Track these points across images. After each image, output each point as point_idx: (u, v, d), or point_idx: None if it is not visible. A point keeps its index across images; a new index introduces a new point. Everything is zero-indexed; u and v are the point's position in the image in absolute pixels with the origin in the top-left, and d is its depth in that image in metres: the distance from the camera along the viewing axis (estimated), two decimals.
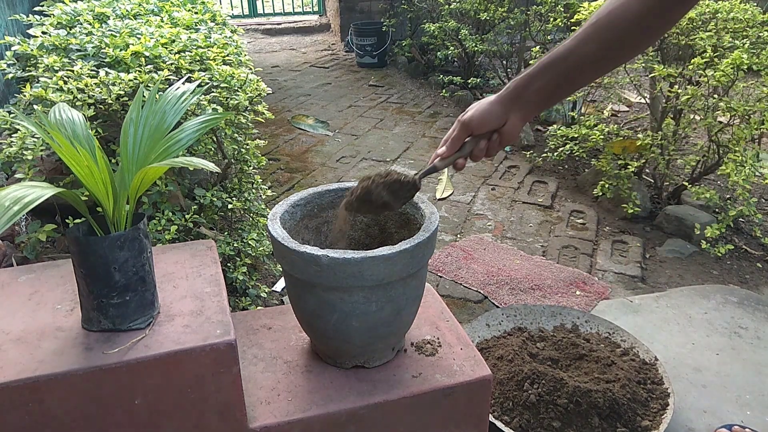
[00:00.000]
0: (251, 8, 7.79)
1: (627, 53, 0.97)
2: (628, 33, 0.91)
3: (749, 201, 2.30)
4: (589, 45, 0.93)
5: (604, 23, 0.92)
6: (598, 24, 0.92)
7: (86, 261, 0.90)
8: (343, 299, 1.01)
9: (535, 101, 1.01)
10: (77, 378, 0.88)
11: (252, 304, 1.87)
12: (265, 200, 2.40)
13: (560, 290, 2.24)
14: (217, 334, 0.94)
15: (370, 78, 5.43)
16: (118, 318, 0.94)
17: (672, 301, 2.12)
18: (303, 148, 3.79)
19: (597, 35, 0.93)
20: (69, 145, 0.82)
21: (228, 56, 1.88)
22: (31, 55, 1.72)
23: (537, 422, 1.47)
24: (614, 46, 0.93)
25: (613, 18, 0.91)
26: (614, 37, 0.92)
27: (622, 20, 0.90)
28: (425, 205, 1.12)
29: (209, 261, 1.15)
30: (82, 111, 1.34)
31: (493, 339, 1.79)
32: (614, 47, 0.93)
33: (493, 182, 3.24)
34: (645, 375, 1.63)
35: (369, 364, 1.13)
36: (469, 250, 2.53)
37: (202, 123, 1.00)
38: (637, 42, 0.94)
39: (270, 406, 1.05)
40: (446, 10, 4.62)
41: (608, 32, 0.92)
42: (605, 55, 0.94)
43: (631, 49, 0.97)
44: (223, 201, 1.79)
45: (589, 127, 2.89)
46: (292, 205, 1.15)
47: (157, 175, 0.94)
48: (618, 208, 2.82)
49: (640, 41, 0.95)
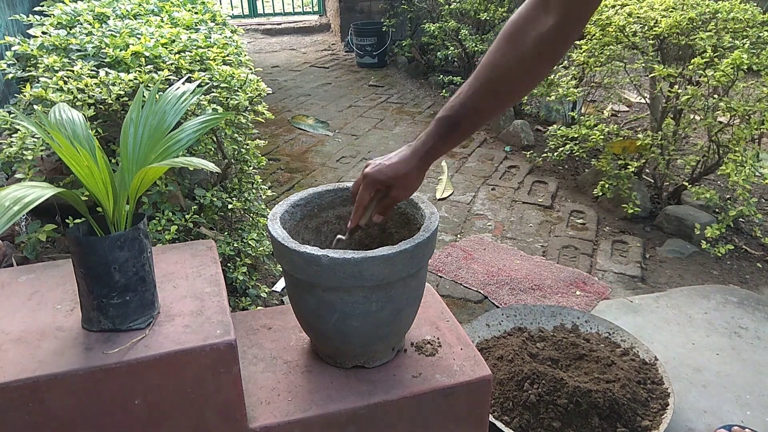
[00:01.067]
0: (251, 8, 7.78)
1: (522, 90, 1.04)
2: (518, 80, 0.98)
3: (749, 201, 2.30)
4: (487, 100, 0.99)
5: (494, 77, 0.97)
6: (487, 78, 0.98)
7: (86, 261, 0.90)
8: (343, 299, 1.01)
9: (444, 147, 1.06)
10: (77, 378, 0.88)
11: (252, 304, 1.87)
12: (265, 200, 2.40)
13: (560, 290, 2.24)
14: (217, 334, 0.94)
15: (370, 78, 5.43)
16: (118, 318, 0.94)
17: (672, 301, 2.12)
18: (303, 148, 3.79)
19: (490, 90, 0.99)
20: (69, 145, 0.82)
21: (228, 56, 1.88)
22: (31, 55, 1.72)
23: (537, 422, 1.47)
24: (507, 93, 1.00)
25: (500, 73, 0.97)
26: (506, 89, 0.98)
27: (508, 72, 0.96)
28: (425, 205, 1.12)
29: (209, 261, 1.15)
30: (82, 111, 1.34)
31: (493, 339, 1.79)
32: (508, 94, 1.00)
33: (493, 182, 3.24)
34: (645, 375, 1.63)
35: (369, 364, 1.12)
36: (469, 250, 2.53)
37: (202, 123, 1.00)
38: (528, 82, 1.01)
39: (270, 406, 1.05)
40: (446, 10, 4.62)
41: (500, 84, 0.98)
42: (501, 104, 1.02)
43: (525, 88, 1.05)
44: (223, 201, 1.79)
45: (589, 127, 2.89)
46: (292, 205, 1.15)
47: (157, 175, 0.94)
48: (618, 208, 2.82)
49: (532, 81, 1.02)
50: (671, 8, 2.72)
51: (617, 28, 2.77)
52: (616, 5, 2.90)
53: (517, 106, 3.96)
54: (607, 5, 2.91)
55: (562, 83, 3.23)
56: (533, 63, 0.94)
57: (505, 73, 0.95)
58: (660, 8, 2.74)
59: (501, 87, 0.97)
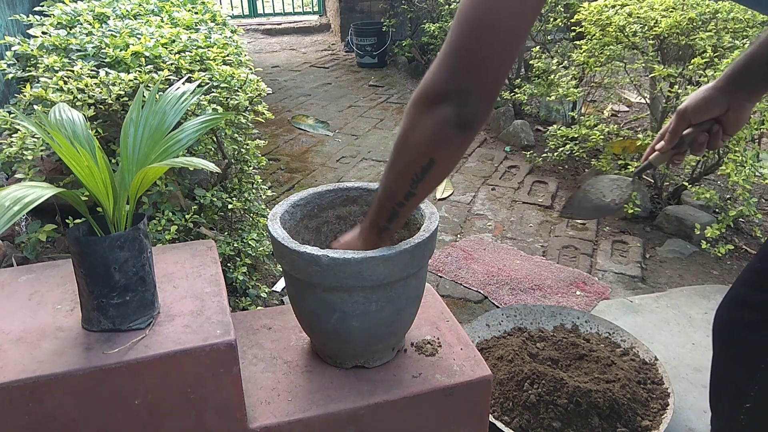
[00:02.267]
0: (251, 8, 7.78)
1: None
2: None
3: (749, 201, 2.30)
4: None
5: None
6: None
7: (86, 261, 0.90)
8: (343, 299, 1.01)
9: (756, 81, 0.97)
10: (77, 378, 0.88)
11: (252, 304, 1.87)
12: (265, 200, 2.40)
13: (560, 290, 2.24)
14: (217, 334, 0.94)
15: (370, 78, 5.43)
16: (118, 318, 0.94)
17: (672, 301, 2.12)
18: (303, 148, 3.79)
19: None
20: (69, 145, 0.82)
21: (228, 56, 1.88)
22: (31, 55, 1.72)
23: (537, 422, 1.47)
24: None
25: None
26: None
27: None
28: (425, 205, 1.12)
29: (209, 261, 1.15)
30: (82, 111, 1.34)
31: (493, 339, 1.79)
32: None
33: (493, 182, 3.24)
34: (645, 375, 1.63)
35: (369, 364, 1.12)
36: (469, 250, 2.53)
37: (202, 123, 1.00)
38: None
39: (270, 406, 1.05)
40: (446, 10, 4.62)
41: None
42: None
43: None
44: (223, 201, 1.79)
45: (589, 127, 2.89)
46: (292, 205, 1.15)
47: (157, 176, 0.94)
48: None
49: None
50: (671, 8, 2.72)
51: (617, 28, 2.77)
52: (616, 5, 2.90)
53: (517, 106, 3.96)
54: (607, 5, 2.92)
55: (562, 83, 3.23)
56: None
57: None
58: (660, 8, 2.74)
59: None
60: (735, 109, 0.99)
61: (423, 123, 0.79)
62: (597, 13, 2.91)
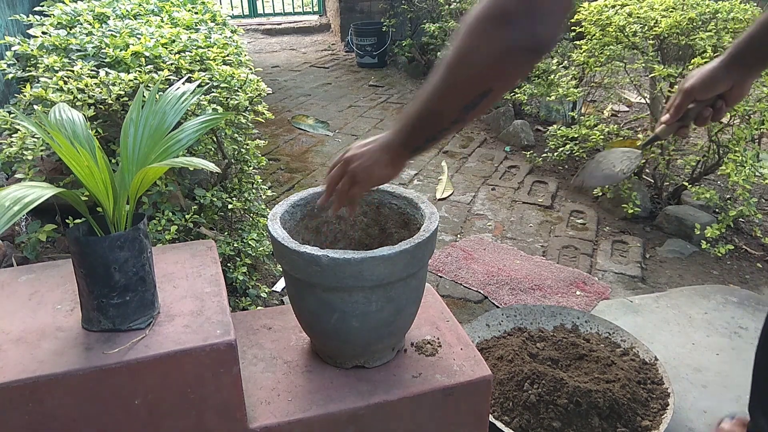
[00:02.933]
0: (251, 8, 7.78)
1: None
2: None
3: (749, 201, 2.30)
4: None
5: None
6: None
7: (86, 261, 0.90)
8: (343, 299, 1.01)
9: (758, 57, 1.02)
10: (77, 378, 0.88)
11: (252, 304, 1.87)
12: (265, 200, 2.40)
13: (560, 290, 2.24)
14: (217, 334, 0.94)
15: (370, 78, 5.43)
16: (118, 318, 0.94)
17: (672, 301, 2.12)
18: (303, 148, 3.79)
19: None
20: (69, 145, 0.82)
21: (228, 56, 1.88)
22: (31, 55, 1.72)
23: (537, 422, 1.47)
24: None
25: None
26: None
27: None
28: (425, 205, 1.13)
29: (209, 261, 1.15)
30: (82, 111, 1.34)
31: (493, 339, 1.79)
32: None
33: (493, 182, 3.24)
34: (645, 375, 1.63)
35: (369, 364, 1.13)
36: (469, 250, 2.53)
37: (202, 123, 1.00)
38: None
39: (270, 406, 1.05)
40: (446, 10, 4.62)
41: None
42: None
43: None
44: (223, 201, 1.79)
45: (589, 127, 2.89)
46: (292, 205, 1.15)
47: (157, 176, 0.94)
48: (618, 208, 2.82)
49: None
50: (671, 8, 2.72)
51: (617, 28, 2.77)
52: (616, 5, 2.90)
53: (517, 106, 3.96)
54: (607, 5, 2.92)
55: (562, 83, 3.23)
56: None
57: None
58: (660, 8, 2.74)
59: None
60: (739, 85, 1.05)
61: (489, 44, 0.72)
62: (597, 13, 2.91)
